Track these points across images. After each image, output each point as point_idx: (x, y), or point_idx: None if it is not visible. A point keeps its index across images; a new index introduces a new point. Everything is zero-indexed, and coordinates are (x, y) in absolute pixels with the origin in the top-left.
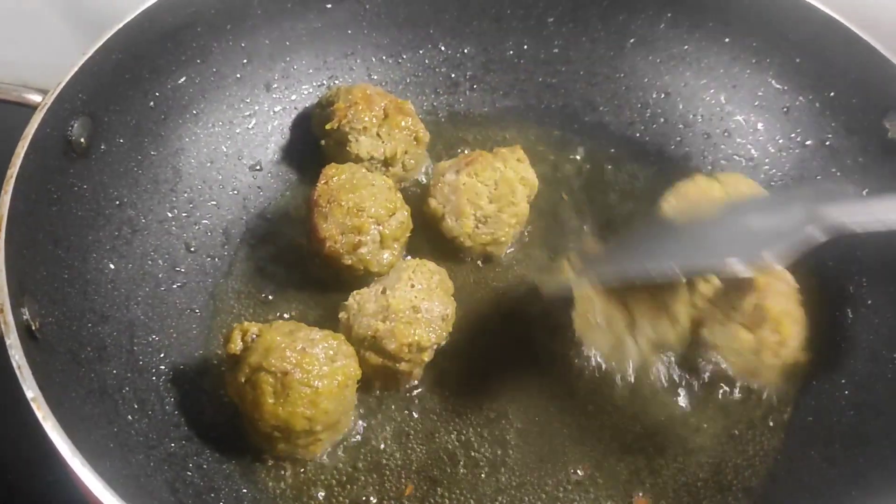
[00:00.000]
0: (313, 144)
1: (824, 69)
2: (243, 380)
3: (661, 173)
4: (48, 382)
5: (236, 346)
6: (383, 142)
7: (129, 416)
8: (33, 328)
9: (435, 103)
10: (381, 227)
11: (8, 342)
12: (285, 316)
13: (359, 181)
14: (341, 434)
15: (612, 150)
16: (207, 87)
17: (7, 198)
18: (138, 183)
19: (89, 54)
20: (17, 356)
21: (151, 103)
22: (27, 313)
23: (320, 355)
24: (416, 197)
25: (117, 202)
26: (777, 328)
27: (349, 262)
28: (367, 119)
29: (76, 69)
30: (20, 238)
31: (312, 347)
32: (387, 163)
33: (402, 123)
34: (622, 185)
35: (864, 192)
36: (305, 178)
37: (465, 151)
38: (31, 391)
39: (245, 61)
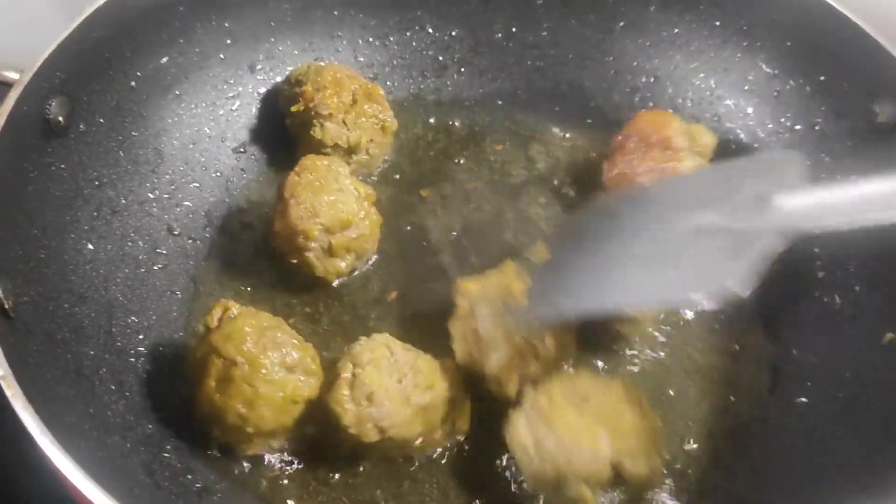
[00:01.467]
0: None
1: (815, 53)
2: (198, 355)
3: None
4: (22, 362)
5: (213, 321)
6: (348, 129)
7: (106, 398)
8: (6, 307)
9: (422, 86)
10: (331, 237)
11: None
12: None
13: (326, 184)
14: (278, 442)
15: (601, 134)
16: (190, 67)
17: None
18: (118, 163)
19: (68, 32)
20: None
21: (132, 83)
22: (0, 291)
23: (276, 361)
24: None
25: (96, 182)
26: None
27: (294, 261)
28: (333, 105)
29: (54, 47)
30: None
31: (275, 350)
32: (350, 151)
33: (370, 111)
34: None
35: (853, 177)
36: (289, 161)
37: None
38: (0, 369)
39: (229, 42)
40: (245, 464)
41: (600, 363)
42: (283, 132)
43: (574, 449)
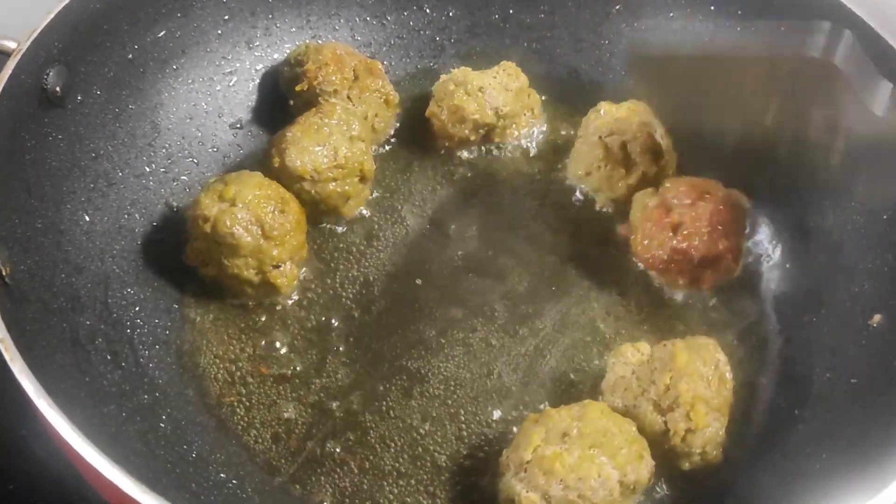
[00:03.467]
0: None
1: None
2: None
3: None
4: (19, 329)
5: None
6: (353, 104)
7: (102, 367)
8: (3, 274)
9: (419, 66)
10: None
11: None
12: None
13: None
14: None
15: None
16: (188, 42)
17: None
18: (115, 136)
19: (66, 1)
20: None
21: (130, 56)
22: None
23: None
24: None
25: (93, 154)
26: (689, 414)
27: None
28: (337, 81)
29: (52, 16)
30: None
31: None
32: None
33: (373, 85)
34: None
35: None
36: None
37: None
38: None
39: (226, 17)
40: (238, 434)
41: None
42: (281, 110)
43: (582, 485)
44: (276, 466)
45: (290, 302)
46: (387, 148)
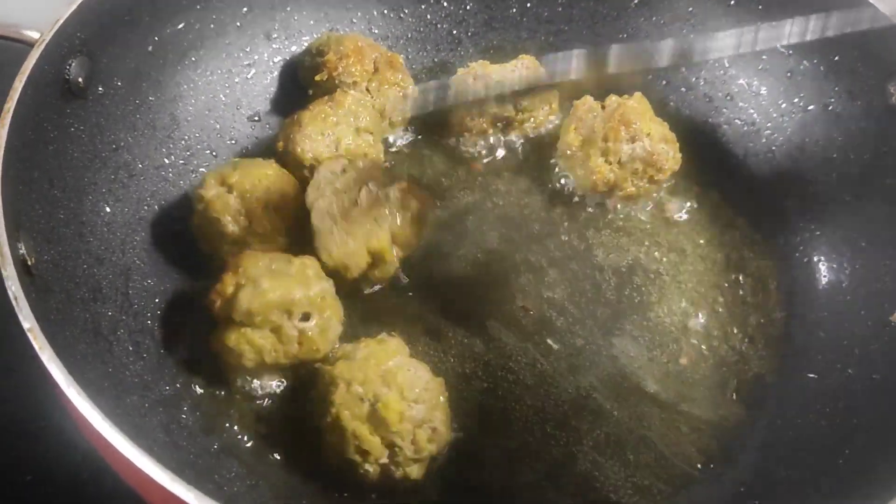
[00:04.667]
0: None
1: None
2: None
3: None
4: (44, 318)
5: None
6: (372, 97)
7: (124, 358)
8: (29, 263)
9: (436, 59)
10: None
11: (4, 273)
12: None
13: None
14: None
15: None
16: (207, 34)
17: (4, 131)
18: (135, 127)
19: None
20: (14, 287)
21: (150, 47)
22: (23, 248)
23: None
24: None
25: (114, 146)
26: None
27: None
28: (357, 73)
29: (75, 7)
30: (16, 174)
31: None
32: None
33: (392, 79)
34: None
35: (865, 157)
36: None
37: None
38: (27, 322)
39: (245, 10)
40: (258, 429)
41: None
42: (298, 102)
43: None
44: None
45: None
46: (404, 140)
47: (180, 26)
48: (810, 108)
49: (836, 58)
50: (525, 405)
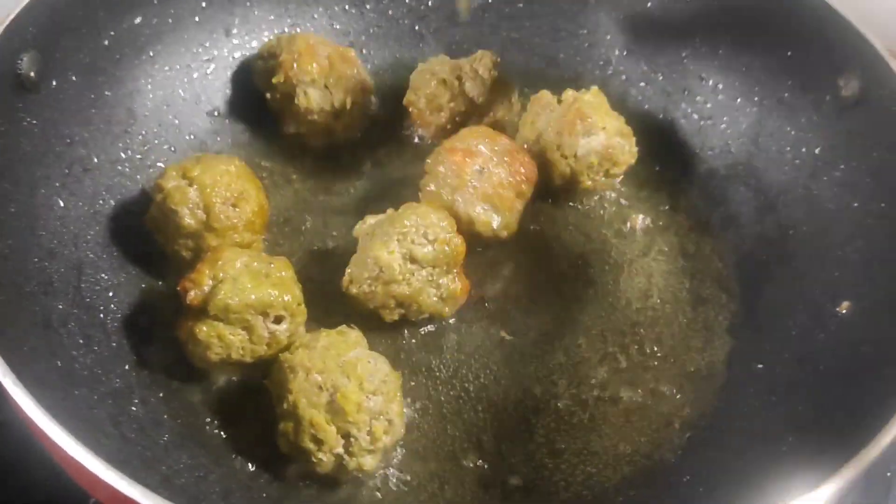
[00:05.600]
0: None
1: (782, 28)
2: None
3: None
4: None
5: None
6: (331, 93)
7: (74, 351)
8: None
9: (397, 55)
10: None
11: None
12: None
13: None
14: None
15: None
16: (164, 29)
17: None
18: (91, 122)
19: None
20: None
21: (106, 42)
22: None
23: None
24: None
25: (68, 140)
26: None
27: None
28: (313, 71)
29: (26, 2)
30: None
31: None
32: (336, 114)
33: (348, 73)
34: None
35: (817, 150)
36: (264, 124)
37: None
38: None
39: (204, 5)
40: (209, 419)
41: None
42: (259, 98)
43: None
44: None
45: None
46: (364, 136)
47: (137, 21)
48: (764, 101)
49: (790, 53)
50: (478, 398)
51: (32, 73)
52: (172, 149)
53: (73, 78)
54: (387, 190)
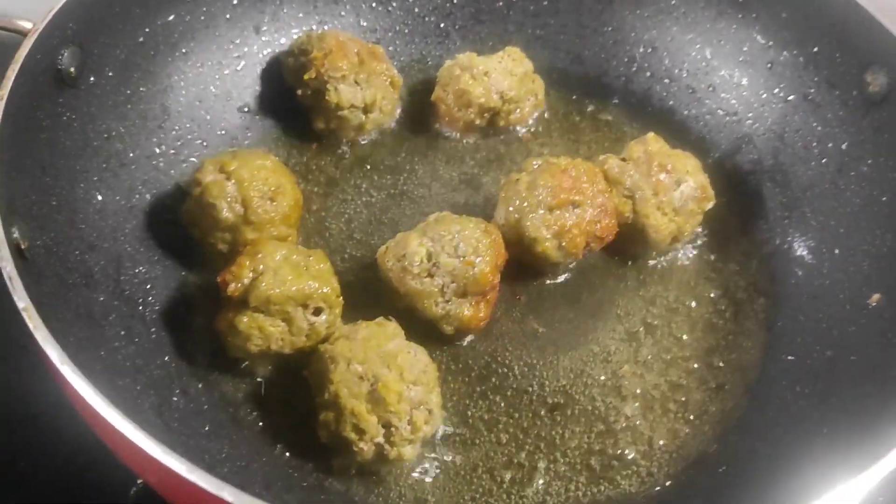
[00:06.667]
0: None
1: (808, 24)
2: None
3: (646, 127)
4: (38, 302)
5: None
6: (362, 89)
7: (116, 342)
8: (22, 247)
9: (423, 52)
10: None
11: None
12: None
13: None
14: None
15: (598, 104)
16: (197, 26)
17: None
18: (126, 117)
19: None
20: (8, 267)
21: (141, 38)
22: (17, 233)
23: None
24: None
25: (105, 135)
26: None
27: None
28: (344, 67)
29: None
30: (8, 161)
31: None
32: (366, 109)
33: (378, 69)
34: (606, 140)
35: (844, 146)
36: (293, 120)
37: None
38: (21, 301)
39: (235, 2)
40: (248, 409)
41: None
42: (288, 93)
43: None
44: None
45: None
46: (393, 132)
47: (171, 18)
48: (790, 98)
49: (815, 49)
50: (513, 389)
51: (73, 69)
52: (204, 144)
53: (110, 74)
54: (416, 186)
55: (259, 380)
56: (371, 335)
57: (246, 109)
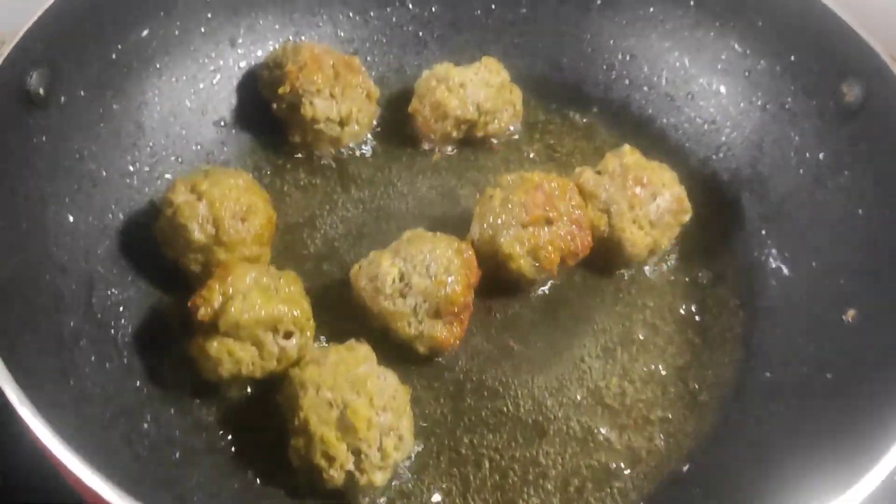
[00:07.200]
0: None
1: (785, 34)
2: None
3: (625, 136)
4: (3, 330)
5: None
6: (337, 102)
7: (87, 369)
8: None
9: (401, 61)
10: None
11: None
12: None
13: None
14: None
15: (576, 112)
16: (171, 41)
17: None
18: (99, 136)
19: (50, 2)
20: None
21: (113, 55)
22: None
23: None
24: None
25: (77, 155)
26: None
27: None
28: (318, 80)
29: (36, 18)
30: None
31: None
32: (342, 122)
33: (354, 81)
34: (586, 149)
35: (821, 156)
36: (270, 133)
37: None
38: None
39: (209, 16)
40: (221, 434)
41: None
42: (265, 107)
43: None
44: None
45: None
46: (370, 144)
47: (144, 33)
48: (768, 106)
49: (793, 58)
50: (488, 409)
51: (41, 90)
52: (179, 160)
53: (82, 93)
54: (393, 200)
55: (231, 404)
56: (341, 360)
57: (222, 123)
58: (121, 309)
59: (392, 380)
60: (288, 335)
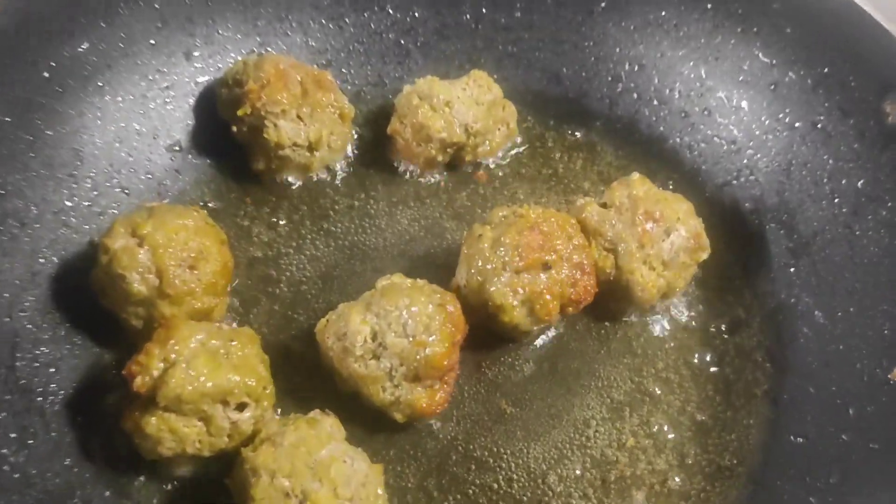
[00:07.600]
0: None
1: (818, 42)
2: None
3: (632, 157)
4: None
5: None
6: (305, 124)
7: (5, 449)
8: None
9: (381, 73)
10: None
11: None
12: None
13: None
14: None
15: (578, 130)
16: (115, 54)
17: None
18: (28, 168)
19: None
20: None
21: (45, 74)
22: None
23: None
24: None
25: (1, 191)
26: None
27: None
28: (284, 100)
29: None
30: None
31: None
32: (311, 147)
33: (324, 100)
34: (588, 174)
35: (860, 184)
36: (231, 159)
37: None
38: None
39: (159, 25)
40: None
41: None
42: (226, 128)
43: None
44: None
45: None
46: (344, 172)
47: (82, 47)
48: (797, 125)
49: (826, 70)
50: (477, 485)
51: None
52: (126, 192)
53: (7, 119)
54: (369, 235)
55: (177, 485)
56: (300, 440)
57: (176, 148)
58: (51, 371)
59: (361, 463)
60: (241, 407)
